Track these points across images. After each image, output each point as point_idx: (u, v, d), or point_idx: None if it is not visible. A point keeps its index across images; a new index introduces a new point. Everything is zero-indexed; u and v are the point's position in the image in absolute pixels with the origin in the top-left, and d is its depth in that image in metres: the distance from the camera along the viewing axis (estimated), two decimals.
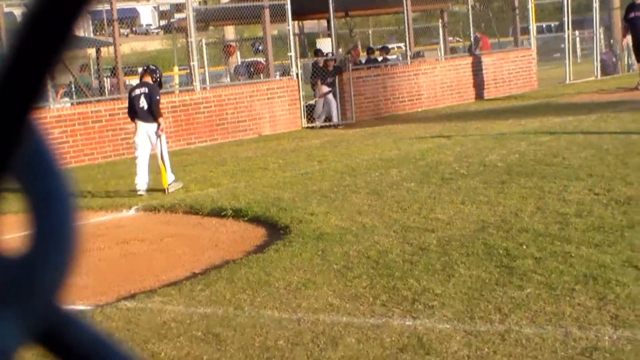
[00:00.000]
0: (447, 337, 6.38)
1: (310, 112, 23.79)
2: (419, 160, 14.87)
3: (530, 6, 29.10)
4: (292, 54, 23.50)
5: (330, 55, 24.64)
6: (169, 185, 14.16)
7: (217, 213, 12.14)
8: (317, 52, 27.13)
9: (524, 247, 8.59)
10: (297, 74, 23.58)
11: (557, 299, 6.95)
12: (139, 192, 14.13)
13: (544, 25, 43.54)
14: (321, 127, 22.93)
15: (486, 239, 9.03)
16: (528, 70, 29.06)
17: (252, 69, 30.27)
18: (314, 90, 24.63)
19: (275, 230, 10.70)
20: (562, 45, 31.42)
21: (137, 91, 14.57)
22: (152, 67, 15.38)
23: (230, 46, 32.86)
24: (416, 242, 9.24)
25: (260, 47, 29.48)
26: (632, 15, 24.61)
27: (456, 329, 6.54)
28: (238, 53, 35.04)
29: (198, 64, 22.15)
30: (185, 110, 21.30)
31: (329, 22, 25.83)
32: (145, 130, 14.44)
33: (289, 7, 23.10)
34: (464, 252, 8.63)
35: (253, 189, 13.61)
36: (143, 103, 14.37)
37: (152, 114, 14.38)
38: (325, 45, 28.80)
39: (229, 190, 13.73)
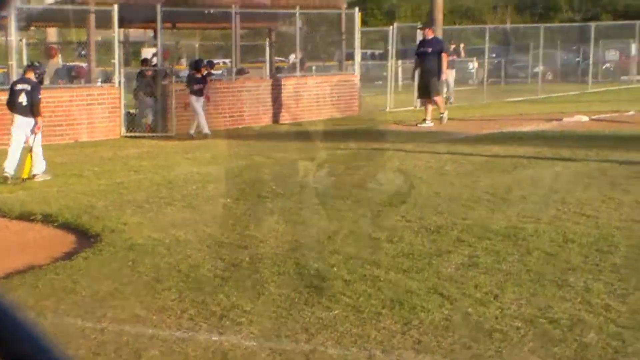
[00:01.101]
0: (252, 355, 6.36)
1: (131, 120, 23.42)
2: (237, 177, 14.86)
3: (357, 33, 29.55)
4: (116, 61, 23.12)
5: (206, 62, 24.45)
6: (38, 174, 14.89)
7: (26, 217, 11.81)
8: (144, 62, 26.82)
9: (335, 269, 8.66)
10: (119, 82, 23.21)
11: (364, 321, 7.03)
12: (5, 174, 14.69)
13: (368, 52, 44.29)
14: (140, 137, 22.60)
15: (298, 259, 9.07)
16: (351, 95, 29.45)
17: (73, 73, 29.69)
18: (135, 99, 24.31)
19: (86, 238, 10.48)
20: (385, 74, 32.02)
21: (19, 86, 15.25)
22: (36, 64, 16.43)
23: (52, 48, 32.16)
24: (228, 258, 9.20)
25: (83, 52, 28.93)
26: (421, 49, 25.15)
27: (262, 346, 6.52)
28: (60, 56, 34.31)
29: (17, 64, 21.50)
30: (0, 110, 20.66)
31: (155, 32, 25.56)
32: (21, 123, 15.05)
33: (115, 13, 22.71)
34: (275, 270, 8.64)
35: (65, 194, 13.30)
36: (23, 99, 15.02)
37: (32, 112, 14.99)
38: (150, 55, 28.51)
39: (41, 194, 13.38)
